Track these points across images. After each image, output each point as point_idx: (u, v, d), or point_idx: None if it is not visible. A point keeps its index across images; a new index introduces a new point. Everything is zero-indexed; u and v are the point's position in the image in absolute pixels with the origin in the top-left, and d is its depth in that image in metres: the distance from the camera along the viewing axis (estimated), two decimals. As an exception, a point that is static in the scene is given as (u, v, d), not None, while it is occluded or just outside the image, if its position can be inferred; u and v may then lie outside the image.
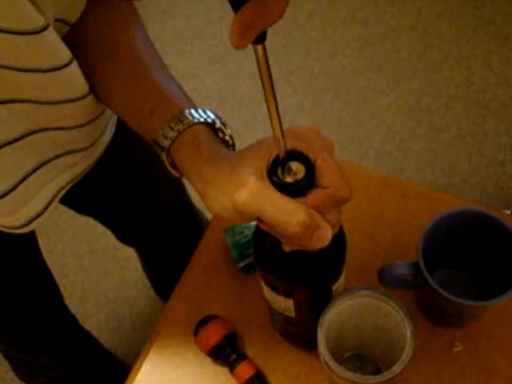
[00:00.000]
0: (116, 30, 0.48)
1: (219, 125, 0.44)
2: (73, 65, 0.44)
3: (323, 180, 0.35)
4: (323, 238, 0.35)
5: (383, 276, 0.52)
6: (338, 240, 0.43)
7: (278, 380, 0.57)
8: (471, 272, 0.58)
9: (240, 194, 0.35)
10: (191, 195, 0.90)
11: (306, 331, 0.50)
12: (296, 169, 0.35)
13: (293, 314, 0.48)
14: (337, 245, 0.43)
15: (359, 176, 0.68)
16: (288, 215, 0.34)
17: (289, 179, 0.35)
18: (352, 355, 0.56)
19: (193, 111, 0.43)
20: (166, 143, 0.42)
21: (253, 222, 0.38)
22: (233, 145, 0.45)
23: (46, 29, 0.40)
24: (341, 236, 0.43)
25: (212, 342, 0.56)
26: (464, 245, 0.55)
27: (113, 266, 1.42)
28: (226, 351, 0.56)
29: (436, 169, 1.48)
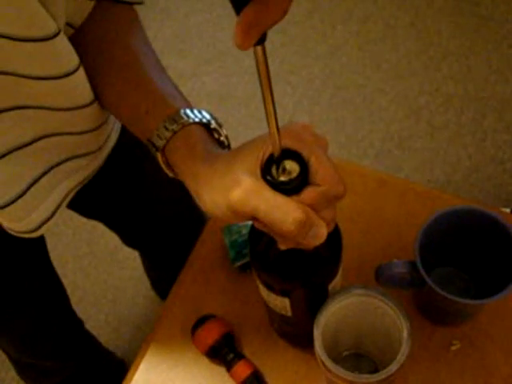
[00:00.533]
0: (115, 33, 0.48)
1: (214, 125, 0.44)
2: (81, 70, 0.44)
3: (317, 178, 0.35)
4: (319, 236, 0.35)
5: (380, 275, 0.52)
6: (334, 239, 0.43)
7: (276, 379, 0.57)
8: (469, 271, 0.58)
9: (234, 193, 0.35)
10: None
11: (303, 330, 0.50)
12: (290, 167, 0.35)
13: (289, 314, 0.48)
14: (332, 243, 0.43)
15: (357, 175, 0.68)
16: (283, 213, 0.34)
17: (283, 178, 0.35)
18: (349, 354, 0.56)
19: (188, 111, 0.43)
20: (161, 143, 0.42)
21: (249, 222, 0.38)
22: (228, 145, 0.45)
23: (58, 35, 0.40)
24: (336, 235, 0.43)
25: (209, 342, 0.56)
26: (462, 243, 0.55)
27: (112, 267, 1.43)
28: (224, 351, 0.56)
29: (435, 167, 1.48)
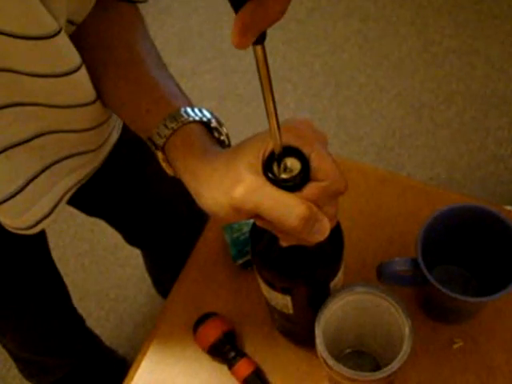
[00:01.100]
0: (117, 31, 0.48)
1: (215, 124, 0.43)
2: (82, 69, 0.44)
3: (318, 173, 0.35)
4: (322, 231, 0.35)
5: (382, 272, 0.52)
6: (336, 236, 0.43)
7: (277, 377, 0.57)
8: (471, 268, 0.58)
9: (237, 191, 0.35)
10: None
11: (305, 328, 0.50)
12: (291, 164, 0.35)
13: (291, 311, 0.48)
14: (334, 241, 0.43)
15: (358, 172, 0.68)
16: (287, 209, 0.34)
17: (284, 175, 0.35)
18: (351, 352, 0.56)
19: (189, 110, 0.43)
20: (160, 141, 0.42)
21: (250, 220, 0.37)
22: (229, 145, 0.44)
23: (59, 33, 0.40)
24: (338, 232, 0.43)
25: (211, 340, 0.56)
26: (464, 241, 0.55)
27: (113, 265, 1.43)
28: (225, 348, 0.56)
29: (437, 164, 1.48)
